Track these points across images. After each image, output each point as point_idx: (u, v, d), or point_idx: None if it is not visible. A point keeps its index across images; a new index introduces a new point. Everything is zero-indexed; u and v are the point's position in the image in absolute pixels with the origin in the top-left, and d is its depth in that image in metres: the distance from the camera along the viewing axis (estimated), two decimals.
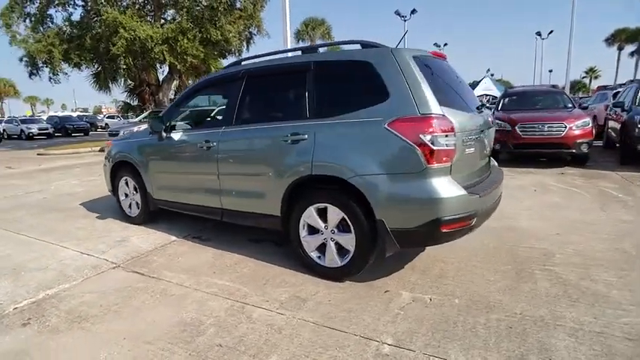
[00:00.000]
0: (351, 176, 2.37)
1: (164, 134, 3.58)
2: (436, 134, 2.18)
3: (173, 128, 3.59)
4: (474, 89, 11.93)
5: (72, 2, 17.23)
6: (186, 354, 1.85)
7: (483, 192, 2.44)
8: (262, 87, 3.08)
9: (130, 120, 20.49)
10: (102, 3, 15.40)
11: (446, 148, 2.21)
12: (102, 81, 19.58)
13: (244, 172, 3.01)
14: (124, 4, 16.30)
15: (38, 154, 13.83)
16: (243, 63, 3.34)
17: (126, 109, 22.57)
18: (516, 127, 7.25)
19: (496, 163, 3.42)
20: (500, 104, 8.85)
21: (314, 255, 2.69)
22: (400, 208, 2.29)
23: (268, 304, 2.34)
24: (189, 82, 22.33)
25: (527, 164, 7.26)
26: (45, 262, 3.10)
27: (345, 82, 2.61)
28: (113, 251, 3.34)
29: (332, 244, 2.59)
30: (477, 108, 2.79)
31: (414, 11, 24.64)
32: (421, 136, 2.17)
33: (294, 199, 2.70)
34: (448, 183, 2.25)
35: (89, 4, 16.30)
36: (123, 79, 19.65)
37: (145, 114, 17.60)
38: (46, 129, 24.40)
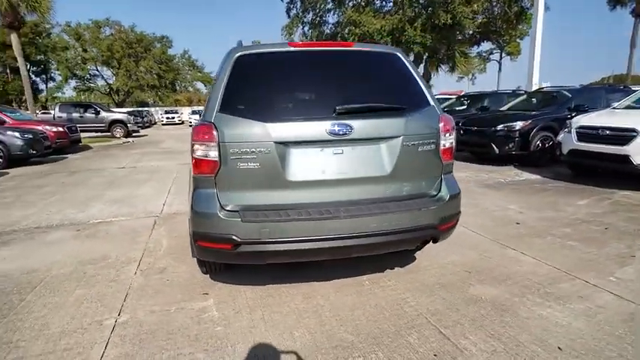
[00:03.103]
0: None
1: None
2: (196, 142, 2.14)
3: None
4: None
5: (337, 9, 21.78)
6: (63, 273, 3.04)
7: (260, 217, 2.06)
8: None
9: None
10: (348, 6, 18.69)
11: (205, 158, 2.11)
12: None
13: None
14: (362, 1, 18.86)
15: None
16: None
17: None
18: None
19: (441, 192, 2.37)
20: None
21: None
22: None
23: (146, 266, 3.12)
24: (438, 69, 23.05)
25: None
26: (140, 203, 5.19)
27: None
28: (175, 207, 5.02)
29: None
30: (340, 113, 2.16)
31: None
32: (192, 143, 2.20)
33: None
34: (206, 196, 2.15)
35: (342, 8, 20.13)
36: None
37: None
38: None
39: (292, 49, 2.35)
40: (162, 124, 32.21)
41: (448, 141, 2.37)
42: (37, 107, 32.98)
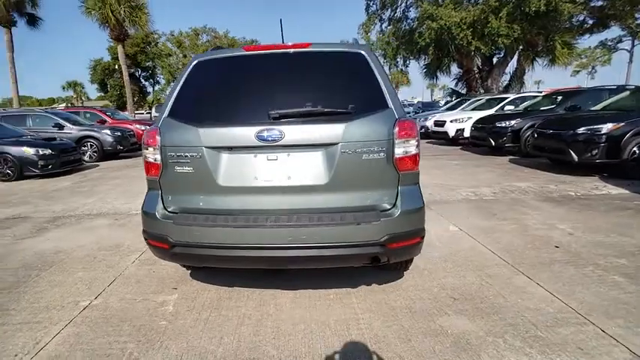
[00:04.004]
0: None
1: None
2: (145, 146, 2.30)
3: None
4: None
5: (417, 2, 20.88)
6: (79, 255, 3.53)
7: (189, 221, 2.15)
8: None
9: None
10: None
11: (150, 161, 2.26)
12: (431, 70, 22.69)
13: None
14: None
15: None
16: None
17: (451, 96, 24.71)
18: None
19: (393, 210, 2.13)
20: None
21: None
22: None
23: (146, 257, 3.46)
24: (533, 63, 20.64)
25: None
26: None
27: None
28: None
29: None
30: (274, 118, 2.11)
31: None
32: (143, 147, 2.36)
33: None
34: (152, 197, 2.32)
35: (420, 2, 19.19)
36: (446, 68, 21.71)
37: (455, 101, 18.57)
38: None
39: (246, 53, 2.37)
40: None
41: (406, 148, 2.13)
42: (145, 108, 38.40)
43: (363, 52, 2.32)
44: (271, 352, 2.05)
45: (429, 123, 14.21)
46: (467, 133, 11.74)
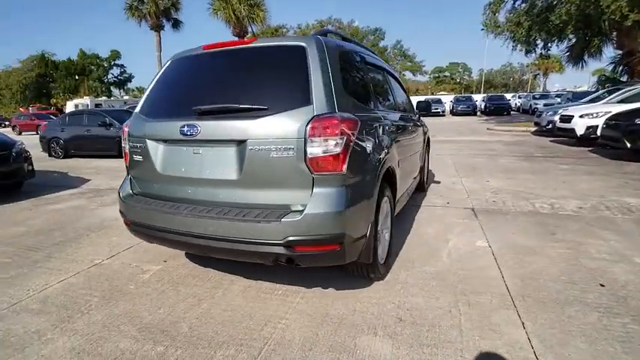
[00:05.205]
0: None
1: None
2: (121, 137, 2.73)
3: None
4: None
5: None
6: None
7: (138, 203, 2.52)
8: None
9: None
10: None
11: (125, 150, 2.67)
12: (575, 54, 19.00)
13: None
14: None
15: (487, 129, 17.36)
16: None
17: (604, 84, 20.10)
18: None
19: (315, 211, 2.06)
20: None
21: None
22: None
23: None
24: None
25: None
26: None
27: None
28: None
29: None
30: (199, 113, 2.27)
31: None
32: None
33: None
34: (124, 181, 2.79)
35: None
36: (595, 50, 17.76)
37: (600, 91, 15.24)
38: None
39: (201, 51, 2.58)
40: None
41: (323, 148, 2.02)
42: None
43: (303, 45, 2.26)
44: (184, 329, 2.26)
45: (557, 118, 12.05)
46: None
